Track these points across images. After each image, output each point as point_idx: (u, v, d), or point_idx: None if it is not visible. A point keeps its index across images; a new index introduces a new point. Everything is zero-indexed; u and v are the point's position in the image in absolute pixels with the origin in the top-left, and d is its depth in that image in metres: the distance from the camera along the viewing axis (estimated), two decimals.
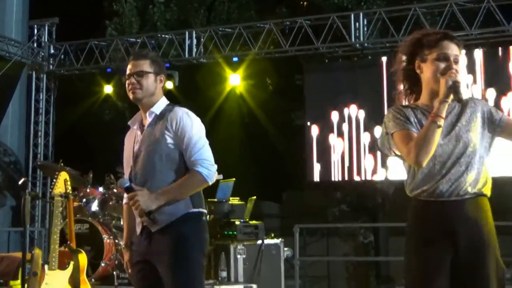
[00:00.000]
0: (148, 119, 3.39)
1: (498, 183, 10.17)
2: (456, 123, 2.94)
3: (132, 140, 3.48)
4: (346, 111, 10.02)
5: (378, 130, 9.21)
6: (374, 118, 9.55)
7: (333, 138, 10.12)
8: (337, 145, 10.11)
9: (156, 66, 3.44)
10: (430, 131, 2.82)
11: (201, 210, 3.34)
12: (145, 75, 3.36)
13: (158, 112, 3.38)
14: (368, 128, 9.75)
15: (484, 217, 2.92)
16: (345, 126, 10.05)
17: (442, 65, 2.88)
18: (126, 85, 3.42)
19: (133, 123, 3.51)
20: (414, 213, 2.98)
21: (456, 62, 2.94)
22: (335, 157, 10.10)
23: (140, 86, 3.36)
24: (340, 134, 10.09)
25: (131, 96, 3.39)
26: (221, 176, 6.98)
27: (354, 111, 9.97)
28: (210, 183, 3.30)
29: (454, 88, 2.84)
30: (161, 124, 3.33)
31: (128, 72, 3.41)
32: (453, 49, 2.95)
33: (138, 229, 3.35)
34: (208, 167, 3.25)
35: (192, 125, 3.31)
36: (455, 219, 2.86)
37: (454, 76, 2.85)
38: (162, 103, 3.46)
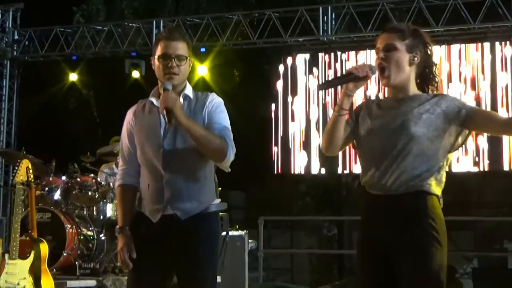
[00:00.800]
0: (181, 101, 3.17)
1: (460, 178, 10.36)
2: (401, 117, 2.89)
3: (152, 118, 3.20)
4: (312, 104, 10.08)
5: None
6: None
7: (298, 131, 10.17)
8: (303, 137, 10.16)
9: (190, 49, 3.23)
10: (331, 122, 2.96)
11: (222, 203, 3.32)
12: (183, 60, 3.16)
13: (192, 96, 3.23)
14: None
15: (414, 212, 2.84)
16: (311, 120, 10.10)
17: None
18: (161, 67, 3.16)
19: (150, 101, 3.24)
20: (361, 202, 3.02)
21: (386, 50, 2.94)
22: (300, 150, 10.16)
23: (179, 71, 3.15)
24: (307, 127, 10.15)
25: (171, 80, 3.13)
26: None
27: (320, 105, 10.04)
28: (226, 160, 3.15)
29: (352, 77, 2.91)
30: (199, 106, 3.19)
31: (164, 52, 3.14)
32: (382, 40, 2.97)
33: (156, 217, 3.14)
34: (233, 148, 3.14)
35: (224, 111, 3.25)
36: (384, 213, 2.86)
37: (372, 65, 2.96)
38: (189, 86, 3.29)
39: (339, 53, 10.10)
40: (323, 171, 10.17)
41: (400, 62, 2.93)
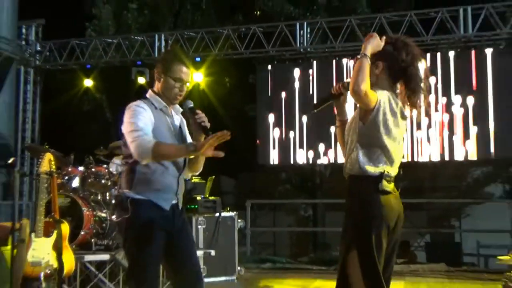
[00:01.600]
0: (173, 113, 3.30)
1: (416, 168, 10.38)
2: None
3: (166, 123, 3.24)
4: (293, 105, 10.11)
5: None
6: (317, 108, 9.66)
7: (280, 128, 10.19)
8: (284, 133, 10.18)
9: None
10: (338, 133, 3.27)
11: None
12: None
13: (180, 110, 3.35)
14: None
15: (348, 193, 2.97)
16: (290, 118, 10.14)
17: None
18: (174, 85, 3.20)
19: (160, 108, 3.24)
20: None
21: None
22: (282, 144, 10.18)
23: (183, 93, 3.26)
24: (288, 125, 10.17)
25: (177, 99, 3.24)
26: None
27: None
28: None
29: (330, 96, 3.14)
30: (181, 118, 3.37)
31: (182, 75, 3.20)
32: None
33: (168, 204, 3.17)
34: None
35: None
36: None
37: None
38: None
39: (313, 61, 10.15)
40: (300, 162, 10.18)
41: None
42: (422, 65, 3.05)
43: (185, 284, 3.22)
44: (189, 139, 3.34)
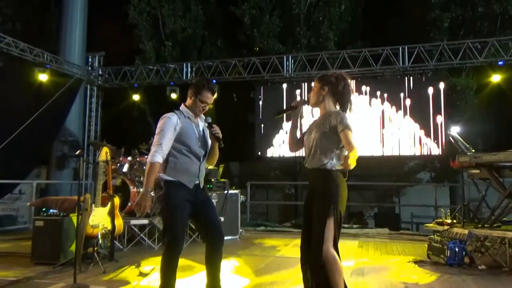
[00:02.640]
0: (199, 121, 3.31)
1: (368, 159, 10.33)
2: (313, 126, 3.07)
3: (192, 128, 3.26)
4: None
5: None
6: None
7: (271, 130, 10.19)
8: (274, 134, 10.17)
9: None
10: (290, 133, 3.31)
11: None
12: None
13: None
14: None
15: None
16: (278, 123, 10.12)
17: None
18: (201, 105, 3.24)
19: (187, 116, 3.27)
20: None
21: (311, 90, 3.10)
22: (274, 142, 10.18)
23: (205, 111, 3.31)
24: (276, 128, 10.16)
25: (201, 112, 3.28)
26: None
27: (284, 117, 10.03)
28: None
29: (291, 107, 3.15)
30: (204, 124, 3.36)
31: (207, 100, 3.24)
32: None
33: (192, 184, 3.19)
34: None
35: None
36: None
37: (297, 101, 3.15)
38: None
39: (295, 83, 10.12)
40: (285, 155, 10.17)
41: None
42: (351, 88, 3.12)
43: (212, 239, 3.23)
44: (209, 139, 3.37)
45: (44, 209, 5.61)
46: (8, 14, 14.93)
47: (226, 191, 7.42)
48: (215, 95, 3.31)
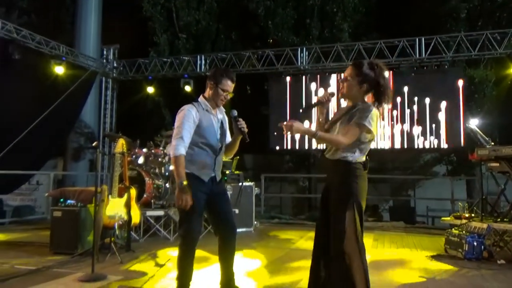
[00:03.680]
0: (218, 113, 3.29)
1: (382, 153, 10.20)
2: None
3: (210, 120, 3.24)
4: (294, 106, 10.05)
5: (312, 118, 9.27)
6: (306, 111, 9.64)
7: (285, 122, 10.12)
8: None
9: None
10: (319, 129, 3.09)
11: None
12: None
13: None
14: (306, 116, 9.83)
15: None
16: (293, 115, 10.06)
17: None
18: (222, 95, 3.22)
19: (206, 109, 3.25)
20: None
21: (343, 81, 2.85)
22: (287, 135, 10.12)
23: (226, 100, 3.29)
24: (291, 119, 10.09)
25: (222, 102, 3.26)
26: None
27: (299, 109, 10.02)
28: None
29: (319, 103, 2.93)
30: (223, 116, 3.35)
31: (228, 88, 3.22)
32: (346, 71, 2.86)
33: (207, 178, 3.18)
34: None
35: None
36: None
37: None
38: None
39: (309, 75, 10.06)
40: (299, 147, 10.13)
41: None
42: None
43: (224, 232, 3.24)
44: (227, 131, 3.37)
45: (61, 199, 5.68)
46: (23, 7, 15.08)
47: (240, 183, 7.42)
48: (234, 83, 3.28)
